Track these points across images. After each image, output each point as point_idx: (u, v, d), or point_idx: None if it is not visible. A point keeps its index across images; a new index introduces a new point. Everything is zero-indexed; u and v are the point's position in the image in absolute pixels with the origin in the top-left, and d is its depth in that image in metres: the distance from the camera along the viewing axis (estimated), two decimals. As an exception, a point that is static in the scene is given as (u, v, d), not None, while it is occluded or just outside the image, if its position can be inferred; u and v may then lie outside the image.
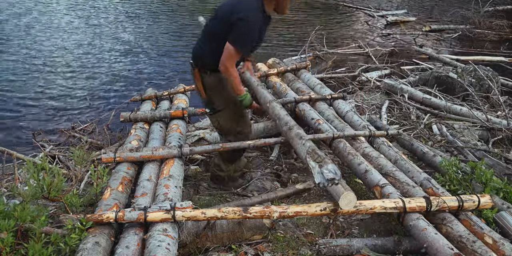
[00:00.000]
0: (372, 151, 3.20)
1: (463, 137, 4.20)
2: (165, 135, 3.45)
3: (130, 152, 2.94)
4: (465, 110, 4.75)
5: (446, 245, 2.21)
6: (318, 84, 4.40)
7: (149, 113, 3.65)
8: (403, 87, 5.36)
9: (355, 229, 2.88)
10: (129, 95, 5.67)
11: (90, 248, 2.04)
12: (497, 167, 3.39)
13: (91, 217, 2.23)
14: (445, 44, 9.17)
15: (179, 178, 2.79)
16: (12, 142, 4.77)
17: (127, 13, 11.14)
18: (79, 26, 9.67)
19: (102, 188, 2.67)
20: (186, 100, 4.20)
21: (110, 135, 4.61)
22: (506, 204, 2.71)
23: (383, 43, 9.14)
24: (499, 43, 9.01)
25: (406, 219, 2.48)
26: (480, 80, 5.33)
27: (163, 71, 7.17)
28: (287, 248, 2.63)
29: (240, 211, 2.35)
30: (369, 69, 6.97)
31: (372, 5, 12.89)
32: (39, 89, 6.23)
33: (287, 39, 9.08)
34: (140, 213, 2.24)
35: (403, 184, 2.76)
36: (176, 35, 9.31)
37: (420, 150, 3.50)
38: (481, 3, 10.17)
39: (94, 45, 8.37)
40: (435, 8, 13.04)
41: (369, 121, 3.95)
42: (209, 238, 2.54)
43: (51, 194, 2.45)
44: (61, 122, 5.30)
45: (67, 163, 3.95)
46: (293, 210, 2.40)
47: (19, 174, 3.51)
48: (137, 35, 9.12)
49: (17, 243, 2.18)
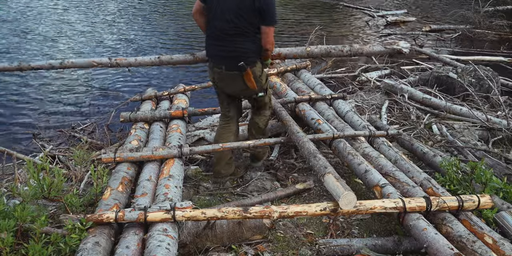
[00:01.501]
0: (372, 151, 3.20)
1: (463, 137, 4.19)
2: (165, 135, 3.45)
3: (130, 152, 2.94)
4: (465, 110, 4.75)
5: (446, 245, 2.21)
6: (318, 84, 4.40)
7: (149, 113, 3.65)
8: (403, 87, 5.36)
9: (355, 229, 2.88)
10: (129, 95, 5.67)
11: (90, 248, 2.04)
12: (497, 167, 3.38)
13: (91, 217, 2.23)
14: (445, 44, 9.17)
15: (179, 178, 2.79)
16: (12, 142, 4.77)
17: (127, 13, 11.15)
18: (79, 26, 9.67)
19: (102, 188, 2.67)
20: (186, 100, 4.20)
21: (110, 135, 4.60)
22: (506, 204, 2.71)
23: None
24: (499, 43, 9.00)
25: (406, 219, 2.48)
26: (480, 80, 5.33)
27: (163, 71, 7.16)
28: (287, 248, 2.63)
29: (240, 211, 2.35)
30: (369, 69, 6.96)
31: (372, 5, 12.89)
32: (39, 89, 6.23)
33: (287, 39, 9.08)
34: (140, 213, 2.24)
35: (403, 184, 2.77)
36: (177, 35, 9.31)
37: (420, 150, 3.50)
38: (481, 3, 10.16)
39: (94, 44, 8.37)
40: (435, 8, 13.04)
41: (369, 121, 3.95)
42: (209, 238, 2.54)
43: (51, 194, 2.45)
44: (61, 122, 5.30)
45: (67, 163, 3.95)
46: (293, 210, 2.40)
47: (19, 174, 3.51)
48: (138, 35, 9.13)
49: (17, 243, 2.18)
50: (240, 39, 2.99)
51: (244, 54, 3.01)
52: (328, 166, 2.69)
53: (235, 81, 3.08)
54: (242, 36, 2.98)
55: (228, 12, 2.93)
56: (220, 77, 3.14)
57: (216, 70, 3.11)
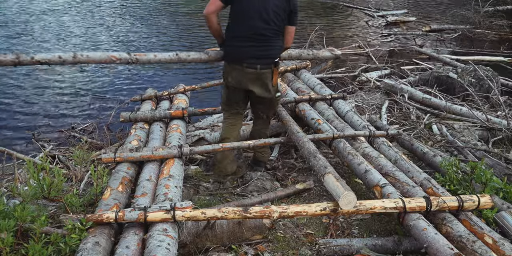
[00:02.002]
0: (372, 151, 3.20)
1: (463, 137, 4.19)
2: (165, 135, 3.45)
3: (130, 152, 2.94)
4: (465, 110, 4.75)
5: (446, 245, 2.21)
6: (318, 84, 4.40)
7: (149, 113, 3.65)
8: (403, 87, 5.36)
9: (355, 229, 2.88)
10: (129, 95, 5.67)
11: (90, 248, 2.04)
12: (497, 167, 3.39)
13: (91, 217, 2.23)
14: (445, 44, 9.17)
15: (179, 178, 2.79)
16: (12, 142, 4.77)
17: (127, 13, 11.15)
18: (79, 26, 9.67)
19: (102, 188, 2.67)
20: (186, 100, 4.20)
21: (110, 135, 4.60)
22: (506, 204, 2.71)
23: (383, 43, 9.14)
24: (499, 43, 9.00)
25: (406, 219, 2.48)
26: (480, 80, 5.33)
27: (163, 71, 7.16)
28: (287, 248, 2.63)
29: (240, 211, 2.35)
30: (369, 69, 6.97)
31: (372, 5, 12.89)
32: (39, 89, 6.23)
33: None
34: (140, 213, 2.24)
35: (403, 184, 2.77)
36: (177, 35, 9.31)
37: (420, 150, 3.50)
38: (481, 3, 10.16)
39: (94, 45, 8.37)
40: (435, 8, 13.03)
41: (369, 121, 3.95)
42: (209, 238, 2.54)
43: (51, 194, 2.45)
44: (61, 122, 5.30)
45: (67, 163, 3.95)
46: (293, 210, 2.40)
47: (19, 174, 3.51)
48: (138, 35, 9.12)
49: (17, 243, 2.18)
50: (276, 38, 3.10)
51: (279, 52, 3.19)
52: (328, 166, 2.69)
53: (266, 79, 3.15)
54: (278, 35, 3.10)
55: (266, 12, 2.96)
56: (251, 77, 3.12)
57: (249, 71, 3.08)
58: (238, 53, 3.10)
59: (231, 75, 3.17)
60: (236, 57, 3.12)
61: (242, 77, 3.13)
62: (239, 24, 3.04)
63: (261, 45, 3.05)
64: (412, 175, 2.92)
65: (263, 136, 3.52)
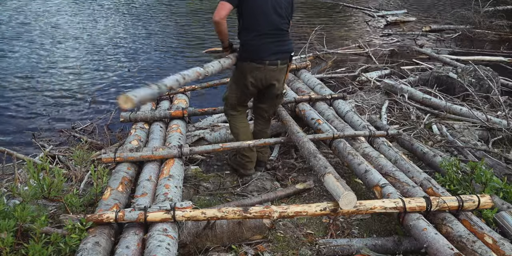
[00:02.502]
0: (372, 151, 3.20)
1: (463, 137, 4.19)
2: (165, 135, 3.45)
3: (130, 152, 2.94)
4: (465, 110, 4.75)
5: (446, 245, 2.21)
6: (318, 84, 4.41)
7: (149, 113, 3.65)
8: (403, 87, 5.36)
9: (355, 229, 2.88)
10: (129, 95, 5.65)
11: (90, 248, 2.04)
12: (497, 167, 3.38)
13: (91, 217, 2.23)
14: (445, 44, 9.16)
15: (179, 178, 2.79)
16: (12, 142, 4.76)
17: (128, 13, 11.15)
18: (79, 26, 9.67)
19: (102, 188, 2.67)
20: (186, 100, 4.20)
21: (110, 135, 4.60)
22: (506, 204, 2.71)
23: (383, 43, 9.14)
24: (499, 43, 9.00)
25: (406, 219, 2.48)
26: (480, 80, 5.33)
27: (164, 71, 7.16)
28: (287, 248, 2.63)
29: (240, 211, 2.35)
30: (369, 69, 6.96)
31: (372, 5, 12.89)
32: (39, 89, 6.22)
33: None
34: (140, 213, 2.24)
35: (403, 184, 2.77)
36: (177, 35, 9.31)
37: (420, 150, 3.50)
38: (481, 3, 10.16)
39: (94, 45, 8.37)
40: (435, 8, 13.04)
41: (369, 121, 3.95)
42: (209, 238, 2.54)
43: (51, 194, 2.45)
44: (61, 122, 5.30)
45: (67, 163, 3.95)
46: (293, 210, 2.40)
47: (19, 174, 3.51)
48: (138, 35, 9.12)
49: (17, 243, 2.18)
50: (288, 33, 3.14)
51: (292, 46, 3.20)
52: (328, 166, 2.69)
53: (283, 74, 3.21)
54: (288, 29, 3.14)
55: (280, 7, 3.00)
56: (272, 74, 3.12)
57: (271, 67, 3.06)
58: (260, 50, 3.03)
59: (251, 74, 3.08)
60: (259, 55, 3.04)
61: (264, 75, 3.09)
62: (257, 21, 2.98)
63: (280, 40, 3.07)
64: (412, 175, 2.92)
65: (265, 136, 3.53)
